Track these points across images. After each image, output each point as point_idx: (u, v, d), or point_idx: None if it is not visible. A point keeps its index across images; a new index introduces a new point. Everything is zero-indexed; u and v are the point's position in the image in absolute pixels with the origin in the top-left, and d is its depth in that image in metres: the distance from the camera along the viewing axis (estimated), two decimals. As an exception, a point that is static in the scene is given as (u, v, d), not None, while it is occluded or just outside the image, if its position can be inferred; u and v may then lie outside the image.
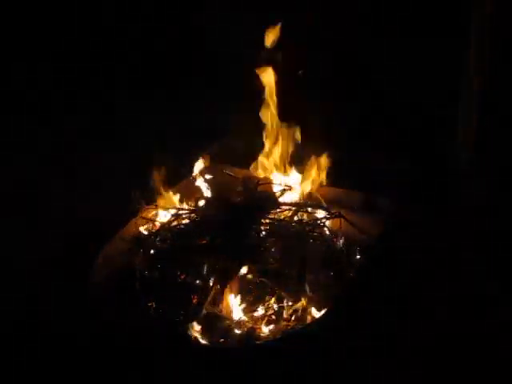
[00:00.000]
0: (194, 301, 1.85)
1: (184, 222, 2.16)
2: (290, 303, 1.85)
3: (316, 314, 1.83)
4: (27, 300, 1.97)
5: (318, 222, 2.12)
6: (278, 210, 2.14)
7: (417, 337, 1.84)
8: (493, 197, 2.37)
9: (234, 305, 1.85)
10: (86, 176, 2.52)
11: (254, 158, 2.43)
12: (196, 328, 1.78)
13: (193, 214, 2.17)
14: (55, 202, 2.39)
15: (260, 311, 1.86)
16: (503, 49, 2.34)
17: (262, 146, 2.41)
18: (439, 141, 2.59)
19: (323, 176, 2.31)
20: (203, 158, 2.50)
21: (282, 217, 2.13)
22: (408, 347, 1.81)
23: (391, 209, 2.21)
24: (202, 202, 2.26)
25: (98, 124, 2.91)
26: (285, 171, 2.39)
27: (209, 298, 1.82)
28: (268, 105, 2.33)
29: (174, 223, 2.15)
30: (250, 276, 1.92)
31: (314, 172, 2.30)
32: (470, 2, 2.29)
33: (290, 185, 2.31)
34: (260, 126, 2.38)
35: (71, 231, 2.22)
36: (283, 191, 2.26)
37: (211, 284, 1.86)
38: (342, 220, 2.12)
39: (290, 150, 2.37)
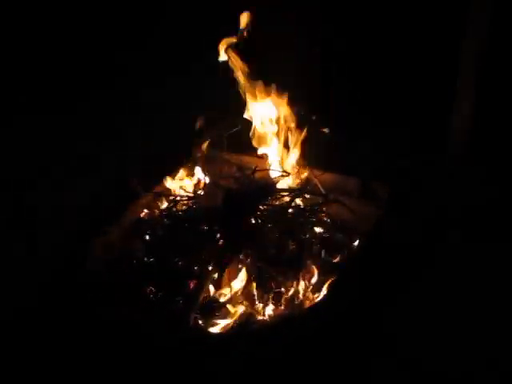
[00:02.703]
0: (192, 286, 1.86)
1: (183, 208, 2.16)
2: (288, 288, 1.86)
3: (314, 299, 1.84)
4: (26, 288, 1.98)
5: (316, 207, 2.13)
6: (276, 196, 2.14)
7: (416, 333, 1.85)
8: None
9: (232, 290, 1.86)
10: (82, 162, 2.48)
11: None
12: (194, 314, 1.79)
13: (191, 201, 2.17)
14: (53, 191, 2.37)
15: (258, 296, 1.87)
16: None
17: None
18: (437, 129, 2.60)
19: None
20: (201, 144, 2.48)
21: (280, 203, 2.13)
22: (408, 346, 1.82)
23: (388, 195, 2.21)
24: (200, 189, 2.26)
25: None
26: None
27: (206, 284, 1.83)
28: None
29: (173, 210, 2.16)
30: (248, 262, 1.93)
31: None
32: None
33: (288, 171, 2.32)
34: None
35: (69, 219, 2.22)
36: (281, 177, 2.26)
37: (209, 270, 1.88)
38: (340, 206, 2.12)
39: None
